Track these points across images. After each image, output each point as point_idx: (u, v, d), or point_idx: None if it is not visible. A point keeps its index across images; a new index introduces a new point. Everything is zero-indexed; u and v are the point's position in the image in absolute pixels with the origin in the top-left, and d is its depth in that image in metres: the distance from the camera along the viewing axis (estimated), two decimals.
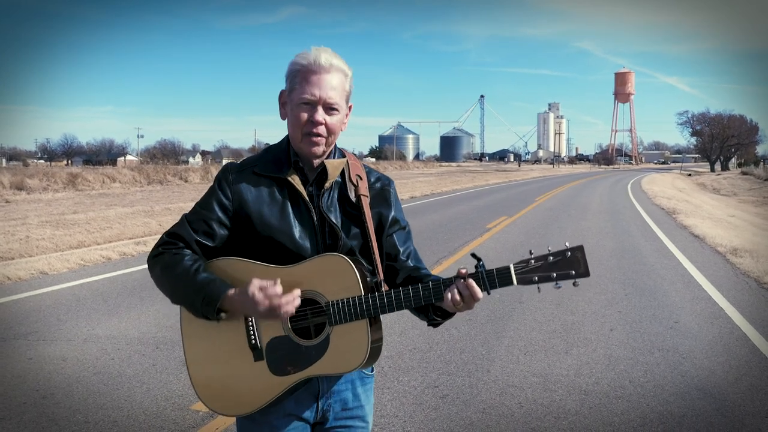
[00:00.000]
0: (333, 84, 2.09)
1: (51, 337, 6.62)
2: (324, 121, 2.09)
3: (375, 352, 2.10)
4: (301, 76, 2.09)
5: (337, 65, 2.11)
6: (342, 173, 2.19)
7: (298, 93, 2.09)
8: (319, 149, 2.12)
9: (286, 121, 2.17)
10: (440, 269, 10.26)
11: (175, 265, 2.08)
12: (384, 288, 2.14)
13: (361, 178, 2.21)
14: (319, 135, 2.09)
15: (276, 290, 1.99)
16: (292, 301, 2.00)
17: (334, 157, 2.19)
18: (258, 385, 2.09)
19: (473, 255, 2.08)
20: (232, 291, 2.03)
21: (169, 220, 16.97)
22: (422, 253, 2.41)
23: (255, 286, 1.99)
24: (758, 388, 5.28)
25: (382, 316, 2.12)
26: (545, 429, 4.48)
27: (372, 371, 2.30)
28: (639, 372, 5.62)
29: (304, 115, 2.08)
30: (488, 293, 2.04)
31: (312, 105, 2.08)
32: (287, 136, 2.20)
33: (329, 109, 2.09)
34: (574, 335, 6.73)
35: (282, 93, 2.17)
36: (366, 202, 2.18)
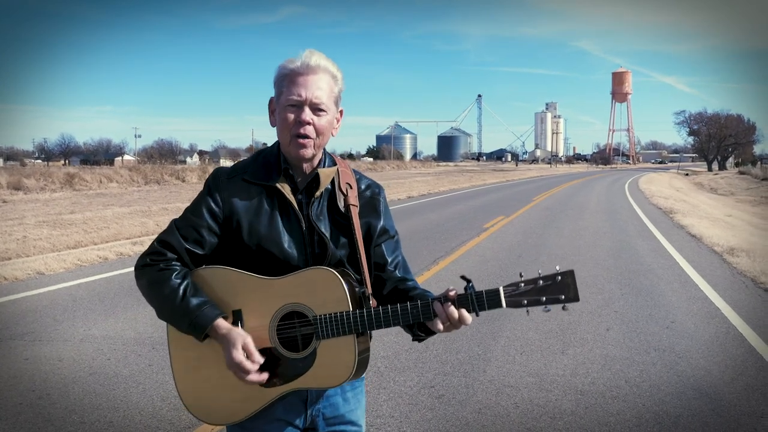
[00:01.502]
0: (319, 85, 2.07)
1: (47, 337, 6.61)
2: (311, 121, 2.06)
3: (362, 365, 2.09)
4: (288, 79, 2.07)
5: (324, 66, 2.09)
6: (332, 182, 2.17)
7: (285, 95, 2.07)
8: (308, 152, 2.09)
9: (276, 128, 2.15)
10: (437, 269, 10.25)
11: (163, 282, 2.05)
12: (372, 301, 2.12)
13: (350, 187, 2.18)
14: (307, 136, 2.06)
15: (253, 365, 2.01)
16: (257, 378, 2.02)
17: (324, 163, 2.17)
18: (244, 396, 2.08)
19: (463, 277, 2.07)
20: (221, 326, 2.03)
21: (167, 220, 16.87)
22: (419, 253, 2.41)
23: (246, 342, 2.02)
24: (754, 387, 5.28)
25: None
26: (541, 429, 4.48)
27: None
28: (635, 372, 5.63)
29: (291, 116, 2.06)
30: (477, 315, 2.03)
31: (298, 106, 2.06)
32: (278, 142, 2.17)
33: (316, 109, 2.07)
34: (571, 335, 6.74)
35: (271, 101, 2.15)
36: (355, 212, 2.16)
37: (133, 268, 2.17)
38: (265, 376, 2.04)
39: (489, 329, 6.90)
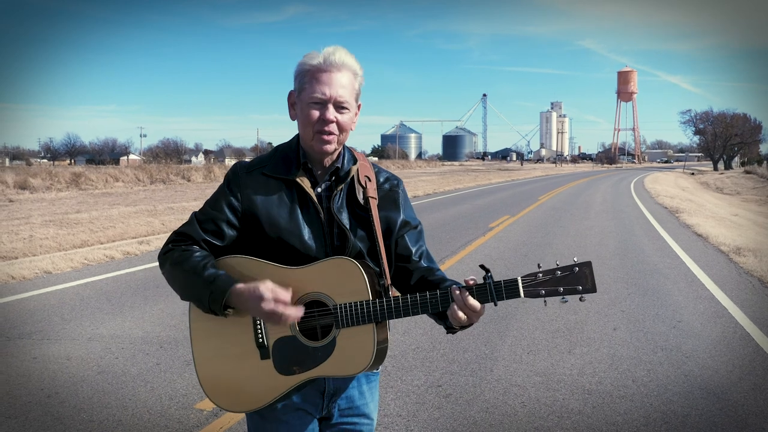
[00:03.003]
0: (343, 82, 2.09)
1: (55, 336, 6.64)
2: (335, 119, 2.09)
3: (381, 354, 2.12)
4: (310, 75, 2.09)
5: (348, 64, 2.11)
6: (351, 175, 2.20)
7: (308, 92, 2.09)
8: (331, 147, 2.12)
9: (296, 121, 2.17)
10: (443, 269, 10.25)
11: (184, 260, 2.09)
12: (392, 291, 2.14)
13: (369, 180, 2.22)
14: (330, 133, 2.10)
15: (285, 296, 2.00)
16: (294, 312, 2.01)
17: (343, 157, 2.20)
18: (263, 384, 2.11)
19: (482, 266, 2.08)
20: (240, 285, 2.03)
21: (172, 219, 16.99)
22: None
23: (267, 285, 2.00)
24: (761, 387, 5.28)
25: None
26: (548, 428, 4.49)
27: (378, 369, 2.32)
28: (642, 371, 5.63)
29: (315, 114, 2.08)
30: (495, 304, 2.04)
31: (322, 104, 2.08)
32: (296, 137, 2.20)
33: (340, 107, 2.10)
34: (578, 334, 6.74)
35: (291, 94, 2.17)
36: (374, 204, 2.19)
37: (140, 267, 2.20)
38: (301, 309, 2.02)
39: (496, 328, 6.91)
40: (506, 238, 14.49)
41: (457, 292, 2.03)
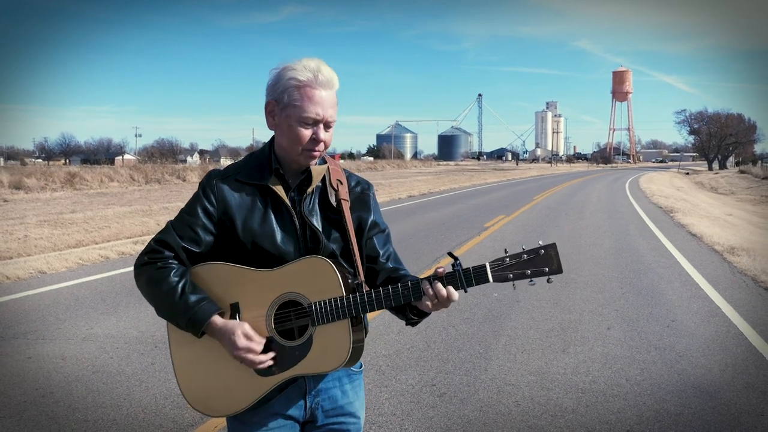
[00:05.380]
0: (333, 102, 2.13)
1: (50, 336, 6.64)
2: (324, 139, 2.13)
3: (357, 352, 2.15)
4: (301, 92, 2.09)
5: (335, 82, 2.13)
6: (323, 178, 2.23)
7: (299, 111, 2.09)
8: (316, 161, 2.18)
9: (279, 134, 2.18)
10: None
11: (161, 281, 2.10)
12: (365, 289, 2.17)
13: (341, 183, 2.26)
14: (319, 151, 2.14)
15: (256, 346, 2.07)
16: (264, 359, 2.08)
17: (316, 163, 2.23)
18: (243, 386, 2.13)
19: (450, 254, 2.14)
20: (217, 321, 2.08)
21: (167, 220, 16.93)
22: (420, 252, 2.45)
23: (243, 331, 2.07)
24: (754, 386, 5.31)
25: (377, 316, 2.16)
26: (542, 427, 4.50)
27: (360, 368, 2.34)
28: (636, 370, 5.65)
29: (307, 133, 2.11)
30: (465, 291, 2.09)
31: (314, 124, 2.11)
32: (269, 143, 2.23)
33: (328, 126, 2.14)
34: (572, 334, 6.76)
35: (269, 103, 2.16)
36: (346, 206, 2.23)
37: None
38: (270, 355, 2.09)
39: (490, 328, 6.93)
40: (501, 237, 14.51)
41: (428, 283, 2.08)
